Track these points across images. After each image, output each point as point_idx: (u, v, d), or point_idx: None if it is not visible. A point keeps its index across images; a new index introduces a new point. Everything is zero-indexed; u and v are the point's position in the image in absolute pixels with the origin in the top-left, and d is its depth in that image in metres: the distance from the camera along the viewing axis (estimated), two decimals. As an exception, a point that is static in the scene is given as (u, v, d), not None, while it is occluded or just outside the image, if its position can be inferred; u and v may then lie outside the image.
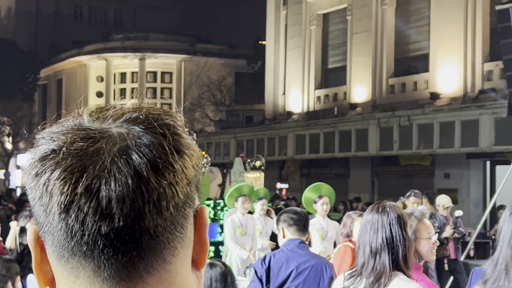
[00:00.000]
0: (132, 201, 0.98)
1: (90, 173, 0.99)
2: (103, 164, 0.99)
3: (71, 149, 1.03)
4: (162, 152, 1.01)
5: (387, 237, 3.68)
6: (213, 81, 45.44)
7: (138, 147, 1.01)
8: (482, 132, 21.17)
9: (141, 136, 1.03)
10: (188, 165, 1.04)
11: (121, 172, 0.99)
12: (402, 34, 27.10)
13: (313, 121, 28.31)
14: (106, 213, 0.98)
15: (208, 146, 34.75)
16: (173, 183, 1.01)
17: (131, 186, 0.98)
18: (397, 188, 24.29)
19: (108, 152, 1.00)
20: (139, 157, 1.00)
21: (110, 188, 0.98)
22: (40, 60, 54.53)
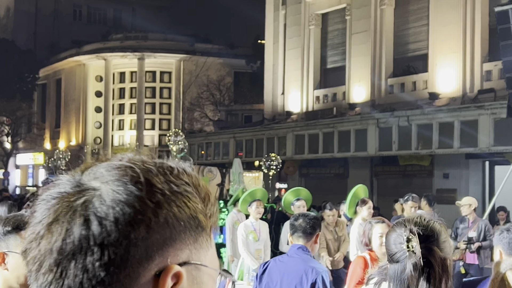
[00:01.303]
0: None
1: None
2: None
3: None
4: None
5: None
6: (212, 80, 45.45)
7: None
8: (481, 132, 21.16)
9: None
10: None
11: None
12: (401, 34, 27.10)
13: (312, 121, 28.30)
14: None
15: (207, 146, 34.75)
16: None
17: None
18: (396, 188, 24.33)
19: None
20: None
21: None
22: (39, 59, 54.52)
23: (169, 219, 1.08)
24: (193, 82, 46.72)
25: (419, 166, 25.34)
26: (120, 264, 1.04)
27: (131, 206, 1.06)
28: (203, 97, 45.32)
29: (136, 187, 1.08)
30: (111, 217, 1.05)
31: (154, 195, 1.08)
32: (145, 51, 47.86)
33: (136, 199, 1.07)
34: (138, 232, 1.05)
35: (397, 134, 24.02)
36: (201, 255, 1.13)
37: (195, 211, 1.12)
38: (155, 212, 1.07)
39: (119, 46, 49.20)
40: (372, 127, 25.00)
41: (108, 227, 1.04)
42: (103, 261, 1.03)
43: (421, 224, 2.96)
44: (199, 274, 1.13)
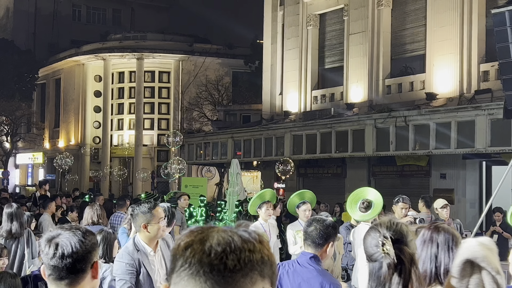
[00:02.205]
0: None
1: None
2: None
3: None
4: None
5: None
6: (210, 80, 45.52)
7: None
8: (478, 133, 21.23)
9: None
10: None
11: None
12: (399, 35, 27.17)
13: (310, 122, 28.38)
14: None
15: (206, 146, 34.82)
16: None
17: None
18: (393, 188, 24.36)
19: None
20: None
21: None
22: (38, 59, 54.59)
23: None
24: (192, 82, 46.81)
25: (416, 167, 25.43)
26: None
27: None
28: (201, 97, 45.39)
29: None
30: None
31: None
32: (144, 51, 47.94)
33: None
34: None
35: (395, 134, 24.09)
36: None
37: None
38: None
39: (118, 46, 49.27)
40: (370, 127, 25.08)
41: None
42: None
43: (391, 228, 3.39)
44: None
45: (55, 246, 3.32)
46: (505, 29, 15.98)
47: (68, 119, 53.16)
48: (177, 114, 48.04)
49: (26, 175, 58.86)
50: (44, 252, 3.35)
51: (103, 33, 55.44)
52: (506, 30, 15.97)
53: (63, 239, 3.34)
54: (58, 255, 3.30)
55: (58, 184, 50.95)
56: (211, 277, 1.49)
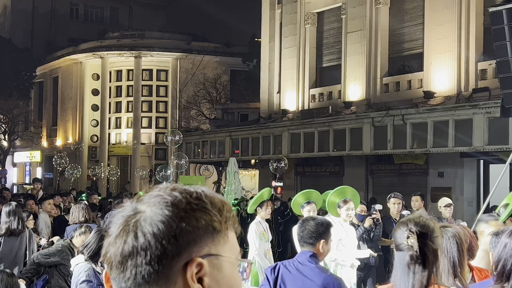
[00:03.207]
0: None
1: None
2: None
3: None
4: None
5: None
6: (208, 79, 45.48)
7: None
8: (475, 131, 21.25)
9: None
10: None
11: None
12: (396, 33, 27.17)
13: (308, 120, 28.39)
14: None
15: (204, 144, 34.84)
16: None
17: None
18: (391, 186, 24.40)
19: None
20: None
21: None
22: (36, 58, 54.55)
23: (190, 228, 1.62)
24: (190, 81, 46.78)
25: (414, 165, 25.44)
26: (158, 261, 1.59)
27: (163, 222, 1.60)
28: (199, 95, 45.36)
29: (167, 209, 1.62)
30: (151, 231, 1.60)
31: (179, 213, 1.62)
32: (141, 49, 47.90)
33: (167, 217, 1.61)
34: (169, 239, 1.59)
35: (392, 132, 24.10)
36: (219, 249, 1.66)
37: (210, 220, 1.66)
38: (179, 225, 1.61)
39: (116, 45, 49.23)
40: (367, 125, 25.09)
41: (149, 238, 1.59)
42: (147, 260, 1.58)
43: (418, 224, 3.88)
44: (218, 262, 1.66)
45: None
46: (503, 27, 15.97)
47: (65, 117, 53.12)
48: (175, 113, 48.00)
49: (24, 174, 58.81)
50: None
51: (101, 31, 55.40)
52: (503, 28, 15.96)
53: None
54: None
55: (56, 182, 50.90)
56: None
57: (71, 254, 9.10)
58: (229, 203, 1.75)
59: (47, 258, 9.00)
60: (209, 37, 50.24)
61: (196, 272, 1.61)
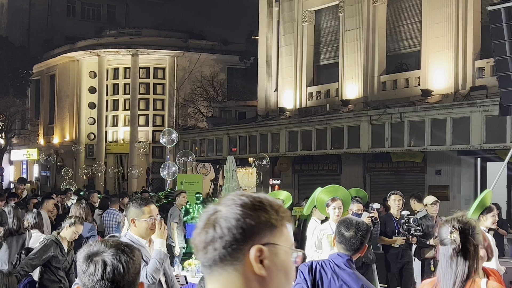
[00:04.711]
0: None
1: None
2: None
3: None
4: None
5: None
6: (205, 77, 45.45)
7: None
8: (473, 129, 21.29)
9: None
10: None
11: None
12: (394, 31, 27.20)
13: (305, 118, 28.40)
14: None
15: (201, 142, 34.82)
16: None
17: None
18: (388, 184, 24.47)
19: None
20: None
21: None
22: (33, 55, 54.46)
23: (253, 223, 2.16)
24: (187, 78, 46.72)
25: (412, 163, 25.47)
26: (230, 245, 2.14)
27: (235, 219, 2.16)
28: (196, 93, 45.33)
29: (238, 209, 2.18)
30: (226, 225, 2.16)
31: (246, 212, 2.18)
32: (138, 47, 47.88)
33: (237, 215, 2.17)
34: (238, 230, 2.14)
35: (390, 131, 24.12)
36: (276, 239, 2.19)
37: (269, 218, 2.19)
38: (246, 220, 2.16)
39: (112, 42, 49.20)
40: (365, 124, 25.11)
41: (224, 230, 2.15)
42: (222, 245, 2.14)
43: (461, 222, 4.38)
44: (275, 249, 2.18)
45: (102, 265, 2.84)
46: (501, 26, 16.01)
47: (62, 115, 53.09)
48: (172, 111, 47.98)
49: (21, 172, 58.77)
50: (87, 272, 2.84)
51: (98, 29, 55.37)
52: (501, 27, 16.00)
53: (110, 257, 2.86)
54: (108, 277, 2.82)
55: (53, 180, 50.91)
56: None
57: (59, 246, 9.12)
58: (284, 206, 2.29)
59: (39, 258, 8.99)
60: (206, 35, 50.23)
61: (258, 255, 2.14)
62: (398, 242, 12.68)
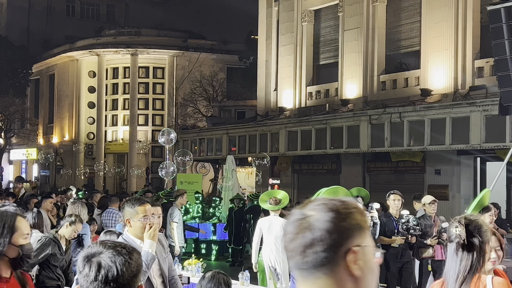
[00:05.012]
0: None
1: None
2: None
3: None
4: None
5: None
6: (205, 76, 45.45)
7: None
8: (472, 129, 21.28)
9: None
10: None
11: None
12: (393, 31, 27.19)
13: (305, 118, 28.38)
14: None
15: (200, 142, 34.79)
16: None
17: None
18: (388, 184, 24.42)
19: None
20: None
21: None
22: (32, 55, 54.46)
23: (348, 226, 2.24)
24: (186, 78, 46.74)
25: (411, 162, 25.46)
26: (329, 249, 2.20)
27: (330, 222, 2.22)
28: (196, 92, 45.33)
29: (331, 213, 2.24)
30: (319, 229, 2.21)
31: (340, 216, 2.24)
32: (138, 46, 47.89)
33: (332, 218, 2.23)
34: (336, 233, 2.21)
35: (389, 130, 24.10)
36: (364, 241, 2.27)
37: (359, 220, 2.28)
38: (341, 224, 2.24)
39: (112, 42, 49.21)
40: (365, 123, 25.09)
41: (323, 233, 2.21)
42: (322, 248, 2.20)
43: (468, 220, 4.55)
44: (364, 250, 2.26)
45: (96, 266, 2.82)
46: (501, 26, 16.00)
47: (62, 115, 53.08)
48: (171, 110, 48.01)
49: (20, 171, 58.76)
50: (82, 272, 2.85)
51: (97, 29, 55.37)
52: (501, 26, 15.99)
53: (106, 258, 2.83)
54: (101, 279, 2.80)
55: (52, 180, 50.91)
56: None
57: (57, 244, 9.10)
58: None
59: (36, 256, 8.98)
60: (205, 35, 50.23)
61: (354, 257, 2.24)
62: (397, 241, 12.67)
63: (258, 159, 25.93)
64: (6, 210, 4.17)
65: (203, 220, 24.35)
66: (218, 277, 5.71)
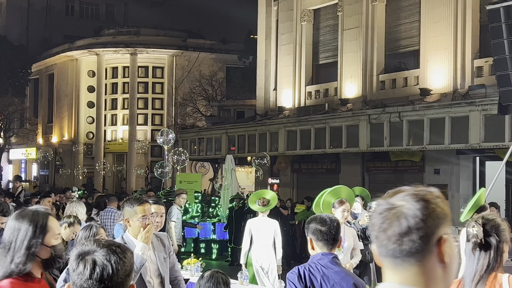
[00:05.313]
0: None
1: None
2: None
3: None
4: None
5: None
6: (204, 76, 45.41)
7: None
8: (471, 128, 21.28)
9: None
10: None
11: None
12: (393, 31, 27.19)
13: (304, 117, 28.38)
14: None
15: (200, 141, 34.79)
16: None
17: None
18: (387, 183, 24.34)
19: None
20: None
21: None
22: (31, 55, 54.45)
23: (438, 214, 2.30)
24: (186, 77, 46.75)
25: (410, 162, 25.48)
26: (425, 237, 2.26)
27: (424, 210, 2.27)
28: (195, 92, 45.30)
29: (422, 202, 2.28)
30: (414, 217, 2.26)
31: (430, 205, 2.29)
32: (137, 46, 47.88)
33: (424, 208, 2.28)
34: (431, 222, 2.26)
35: (389, 130, 24.10)
36: (448, 229, 2.33)
37: (446, 209, 2.34)
38: (433, 213, 2.29)
39: (111, 41, 49.20)
40: (364, 123, 25.10)
41: (418, 221, 2.25)
42: (419, 236, 2.26)
43: (486, 219, 4.60)
44: (450, 238, 2.32)
45: (91, 264, 2.78)
46: (500, 25, 16.01)
47: (61, 114, 53.07)
48: (171, 110, 48.01)
49: (20, 171, 58.74)
50: (76, 270, 2.80)
51: (97, 28, 55.32)
52: (500, 26, 16.00)
53: (100, 257, 2.79)
54: (96, 277, 2.76)
55: (52, 180, 50.90)
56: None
57: None
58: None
59: None
60: (205, 34, 50.23)
61: (444, 245, 2.32)
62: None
63: (257, 159, 25.94)
64: (37, 210, 4.12)
65: (202, 219, 24.37)
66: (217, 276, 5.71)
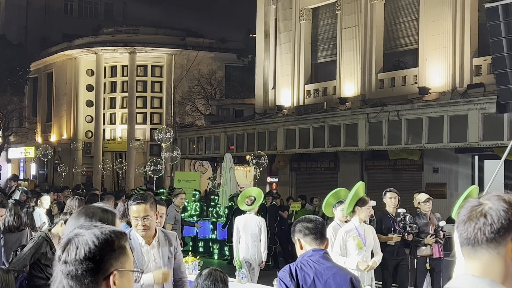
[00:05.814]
0: None
1: None
2: None
3: None
4: None
5: None
6: (203, 75, 45.43)
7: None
8: (470, 127, 21.28)
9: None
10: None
11: None
12: (391, 29, 27.19)
13: (303, 116, 28.38)
14: None
15: (199, 140, 34.79)
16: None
17: None
18: (386, 182, 24.38)
19: None
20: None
21: None
22: (30, 53, 54.43)
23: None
24: (184, 76, 46.75)
25: (409, 161, 25.48)
26: (497, 232, 2.47)
27: (504, 211, 2.46)
28: (194, 91, 45.33)
29: (504, 204, 2.46)
30: (497, 215, 2.48)
31: (510, 207, 2.45)
32: (136, 45, 47.86)
33: (505, 208, 2.44)
34: (507, 220, 2.44)
35: (387, 128, 24.11)
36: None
37: None
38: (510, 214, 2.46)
39: (110, 40, 49.18)
40: (362, 121, 25.10)
41: (497, 218, 2.46)
42: (497, 231, 2.45)
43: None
44: None
45: (74, 246, 2.66)
46: (498, 23, 16.00)
47: (60, 113, 53.06)
48: (169, 108, 48.00)
49: (18, 170, 58.73)
50: (62, 256, 2.69)
51: (95, 27, 55.29)
52: (499, 24, 15.99)
53: (84, 238, 2.66)
54: (77, 257, 2.63)
55: (51, 178, 50.88)
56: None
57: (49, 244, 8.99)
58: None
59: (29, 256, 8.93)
60: (203, 33, 50.19)
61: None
62: (394, 239, 12.67)
63: (256, 158, 25.96)
64: (105, 207, 4.11)
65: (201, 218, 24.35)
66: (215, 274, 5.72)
